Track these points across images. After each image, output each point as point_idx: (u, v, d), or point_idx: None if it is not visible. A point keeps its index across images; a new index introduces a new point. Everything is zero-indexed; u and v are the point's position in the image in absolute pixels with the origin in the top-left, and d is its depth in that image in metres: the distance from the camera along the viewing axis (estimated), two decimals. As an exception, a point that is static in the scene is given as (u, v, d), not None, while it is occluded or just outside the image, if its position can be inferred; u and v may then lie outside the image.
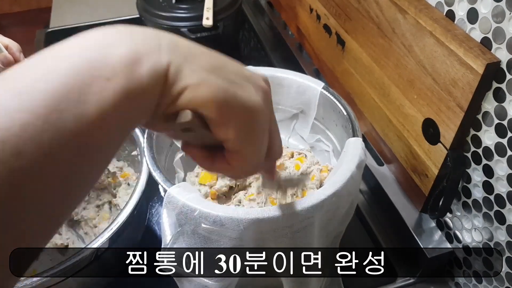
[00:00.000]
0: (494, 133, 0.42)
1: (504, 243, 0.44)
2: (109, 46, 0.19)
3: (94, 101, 0.18)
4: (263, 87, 0.25)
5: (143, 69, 0.19)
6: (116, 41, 0.19)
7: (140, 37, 0.20)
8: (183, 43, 0.22)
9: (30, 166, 0.16)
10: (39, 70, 0.18)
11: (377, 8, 0.54)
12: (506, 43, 0.39)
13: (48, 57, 0.18)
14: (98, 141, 0.19)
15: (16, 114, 0.16)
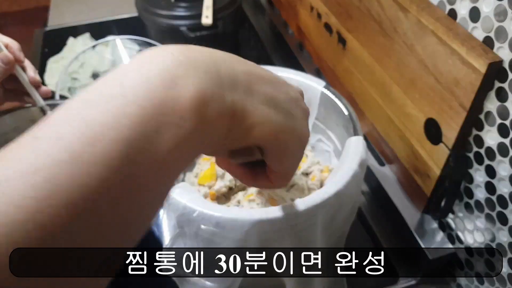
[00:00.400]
0: (496, 133, 0.42)
1: (506, 244, 0.44)
2: (176, 85, 0.18)
3: (165, 147, 0.17)
4: (306, 109, 0.26)
5: (210, 113, 0.19)
6: (182, 79, 0.19)
7: (202, 72, 0.20)
8: (241, 73, 0.22)
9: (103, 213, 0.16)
10: (109, 114, 0.17)
11: (378, 7, 0.54)
12: (509, 42, 0.38)
13: (115, 96, 0.17)
14: (168, 180, 0.19)
15: (92, 168, 0.16)
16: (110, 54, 0.82)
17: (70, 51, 0.90)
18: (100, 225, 0.16)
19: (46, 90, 0.54)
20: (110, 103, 0.17)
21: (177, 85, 0.18)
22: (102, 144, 0.16)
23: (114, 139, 0.16)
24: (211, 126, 0.20)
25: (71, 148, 0.16)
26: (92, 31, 0.95)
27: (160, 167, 0.18)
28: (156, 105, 0.17)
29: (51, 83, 0.83)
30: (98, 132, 0.16)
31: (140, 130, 0.17)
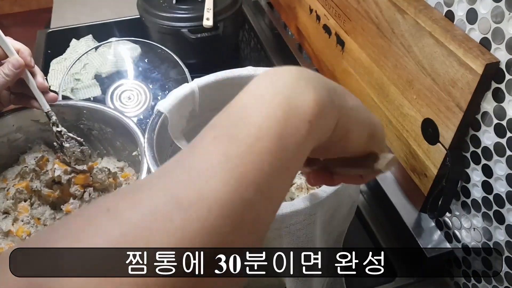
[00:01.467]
0: (493, 133, 0.42)
1: (503, 242, 0.44)
2: (303, 93, 0.23)
3: (302, 139, 0.22)
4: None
5: (327, 113, 0.24)
6: (304, 88, 0.24)
7: (315, 83, 0.25)
8: (335, 86, 0.27)
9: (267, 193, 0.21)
10: (262, 117, 0.22)
11: (376, 9, 0.54)
12: (505, 44, 0.39)
13: (262, 105, 0.22)
14: (301, 163, 0.24)
15: (264, 156, 0.21)
16: (112, 55, 0.82)
17: (73, 52, 0.90)
18: (272, 196, 0.22)
19: (53, 95, 0.55)
20: (260, 109, 0.22)
21: (303, 93, 0.23)
22: (266, 139, 0.21)
23: (273, 135, 0.21)
24: (327, 122, 0.25)
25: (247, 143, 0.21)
26: (94, 33, 0.95)
27: (300, 152, 0.23)
28: (294, 108, 0.22)
29: (54, 84, 0.84)
30: (260, 131, 0.21)
31: (287, 127, 0.22)
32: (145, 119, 0.73)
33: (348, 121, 0.26)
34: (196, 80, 0.54)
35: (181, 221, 0.19)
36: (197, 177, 0.20)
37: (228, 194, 0.20)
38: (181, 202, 0.19)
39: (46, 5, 1.27)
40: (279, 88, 0.23)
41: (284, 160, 0.22)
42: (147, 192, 0.20)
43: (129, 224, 0.19)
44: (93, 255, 0.18)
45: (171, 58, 0.76)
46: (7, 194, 0.57)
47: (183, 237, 0.19)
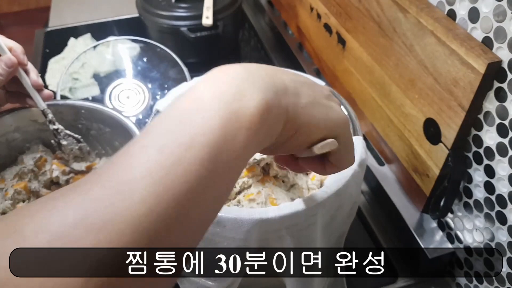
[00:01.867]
0: (495, 133, 0.42)
1: (505, 243, 0.44)
2: (244, 97, 0.23)
3: (239, 147, 0.22)
4: (337, 102, 0.30)
5: (272, 116, 0.24)
6: (247, 91, 0.23)
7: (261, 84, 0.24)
8: (288, 81, 0.26)
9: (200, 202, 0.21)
10: (197, 124, 0.21)
11: (378, 7, 0.54)
12: (508, 43, 0.39)
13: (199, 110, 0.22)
14: (239, 173, 0.23)
15: (192, 167, 0.20)
16: (111, 54, 0.82)
17: (71, 51, 0.90)
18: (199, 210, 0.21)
19: (48, 93, 0.54)
20: (196, 115, 0.21)
21: (245, 97, 0.23)
22: (196, 149, 0.20)
23: (204, 144, 0.21)
24: (271, 127, 0.24)
25: (175, 153, 0.20)
26: (93, 32, 0.95)
27: (237, 162, 0.22)
28: (232, 115, 0.22)
29: (52, 83, 0.84)
30: (192, 139, 0.21)
31: (222, 135, 0.21)
32: (144, 118, 0.73)
33: (297, 121, 0.25)
34: (196, 79, 0.53)
35: (90, 245, 0.18)
36: (114, 193, 0.19)
37: (145, 213, 0.19)
38: (92, 224, 0.18)
39: (45, 4, 1.26)
40: (219, 92, 0.22)
41: (217, 171, 0.21)
42: (61, 209, 0.19)
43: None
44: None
45: (170, 57, 0.76)
46: (5, 194, 0.57)
47: (90, 264, 0.18)
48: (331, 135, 0.28)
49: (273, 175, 0.54)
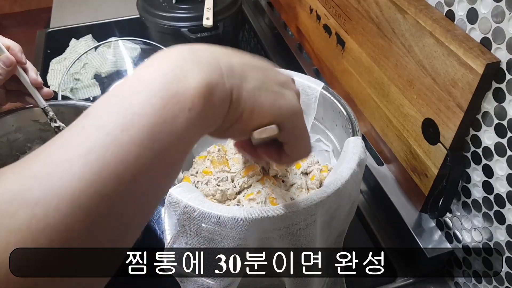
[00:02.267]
0: (493, 133, 0.42)
1: (503, 243, 0.44)
2: (186, 78, 0.23)
3: (180, 128, 0.22)
4: (296, 89, 0.30)
5: (215, 98, 0.23)
6: (190, 72, 0.23)
7: (205, 65, 0.24)
8: (236, 64, 0.26)
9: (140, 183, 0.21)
10: (137, 104, 0.21)
11: (377, 8, 0.54)
12: (506, 43, 0.39)
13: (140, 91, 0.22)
14: (181, 155, 0.23)
15: (130, 147, 0.20)
16: (112, 55, 0.82)
17: (73, 52, 0.90)
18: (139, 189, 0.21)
19: (48, 91, 0.54)
20: (137, 96, 0.21)
21: (187, 78, 0.22)
22: (135, 128, 0.20)
23: (144, 124, 0.21)
24: (214, 109, 0.24)
25: (113, 133, 0.20)
26: (94, 32, 0.95)
27: (178, 143, 0.22)
28: (173, 95, 0.22)
29: (54, 83, 0.84)
30: (131, 120, 0.21)
31: (162, 115, 0.21)
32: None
33: (241, 105, 0.25)
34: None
35: (25, 219, 0.18)
36: (52, 171, 0.19)
37: (82, 189, 0.19)
38: (27, 199, 0.18)
39: (46, 5, 1.27)
40: (161, 72, 0.22)
41: (157, 151, 0.21)
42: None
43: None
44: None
45: (171, 58, 0.76)
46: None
47: (26, 235, 0.18)
48: (276, 122, 0.27)
49: (273, 175, 0.54)
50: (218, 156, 0.55)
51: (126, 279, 0.53)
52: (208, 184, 0.51)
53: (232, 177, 0.52)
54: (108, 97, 0.22)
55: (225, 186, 0.51)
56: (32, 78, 0.52)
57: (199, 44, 0.25)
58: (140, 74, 0.23)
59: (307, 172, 0.54)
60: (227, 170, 0.54)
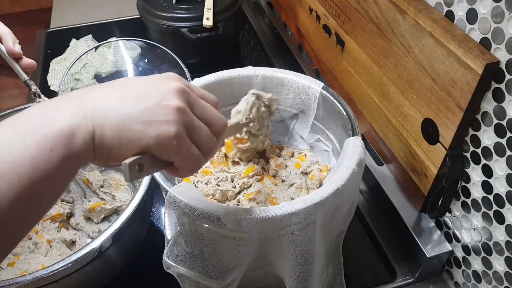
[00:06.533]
0: (493, 133, 0.42)
1: (503, 242, 0.44)
2: (51, 121, 0.25)
3: (42, 167, 0.24)
4: (171, 106, 0.29)
5: (77, 139, 0.25)
6: (56, 116, 0.25)
7: (71, 108, 0.26)
8: (102, 102, 0.27)
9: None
10: (4, 141, 0.24)
11: (376, 9, 0.54)
12: (505, 44, 0.39)
13: (10, 131, 0.24)
14: (47, 190, 0.25)
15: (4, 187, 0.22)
16: (112, 55, 0.82)
17: (73, 52, 0.90)
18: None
19: (29, 62, 0.48)
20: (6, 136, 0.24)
21: (52, 123, 0.25)
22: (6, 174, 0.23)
23: (5, 160, 0.23)
24: (78, 150, 0.26)
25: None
26: (94, 33, 0.95)
27: (40, 180, 0.24)
28: (35, 136, 0.24)
29: (54, 84, 0.84)
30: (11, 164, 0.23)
31: (24, 153, 0.23)
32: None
33: (106, 144, 0.27)
34: (196, 80, 0.54)
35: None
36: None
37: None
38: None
39: (46, 5, 1.27)
40: (33, 116, 0.25)
41: (19, 185, 0.23)
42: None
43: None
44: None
45: (171, 58, 0.76)
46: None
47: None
48: (147, 151, 0.28)
49: (273, 175, 0.54)
50: (217, 156, 0.55)
51: (126, 278, 0.54)
52: (208, 184, 0.52)
53: (232, 177, 0.52)
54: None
55: (225, 186, 0.51)
56: (8, 48, 0.46)
57: (84, 88, 0.29)
58: (17, 116, 0.25)
59: (307, 172, 0.54)
60: (226, 170, 0.54)
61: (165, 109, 0.28)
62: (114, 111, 0.27)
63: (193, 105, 0.30)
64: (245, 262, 0.42)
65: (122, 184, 0.62)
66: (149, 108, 0.28)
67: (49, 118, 0.25)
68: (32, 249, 0.54)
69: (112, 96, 0.28)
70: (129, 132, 0.27)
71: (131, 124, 0.27)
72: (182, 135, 0.29)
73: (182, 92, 0.30)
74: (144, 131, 0.27)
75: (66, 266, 0.42)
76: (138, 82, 0.30)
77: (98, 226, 0.59)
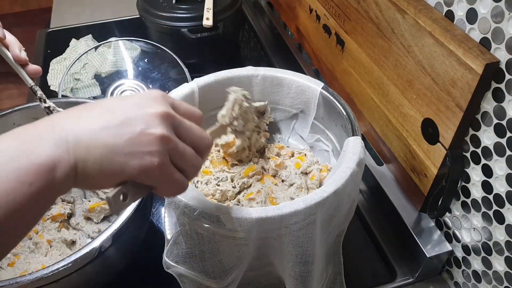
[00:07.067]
0: (493, 133, 0.42)
1: (503, 242, 0.44)
2: (31, 154, 0.24)
3: (19, 200, 0.23)
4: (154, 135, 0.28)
5: (58, 173, 0.25)
6: (37, 149, 0.25)
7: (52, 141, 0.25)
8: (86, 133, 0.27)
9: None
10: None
11: (376, 9, 0.54)
12: (505, 43, 0.39)
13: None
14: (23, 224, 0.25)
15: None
16: (112, 55, 0.82)
17: (73, 52, 0.90)
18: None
19: (35, 68, 0.49)
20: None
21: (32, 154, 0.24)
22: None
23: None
24: (58, 183, 0.25)
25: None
26: (94, 33, 0.95)
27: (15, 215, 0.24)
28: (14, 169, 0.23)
29: (54, 83, 0.84)
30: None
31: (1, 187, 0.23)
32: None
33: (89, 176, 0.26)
34: (196, 80, 0.54)
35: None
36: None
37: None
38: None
39: (46, 5, 1.27)
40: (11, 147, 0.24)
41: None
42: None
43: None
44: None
45: (171, 58, 0.76)
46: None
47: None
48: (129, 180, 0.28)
49: (273, 175, 0.54)
50: (217, 156, 0.55)
51: (127, 278, 0.54)
52: (208, 184, 0.52)
53: (232, 177, 0.52)
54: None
55: (225, 186, 0.51)
56: (15, 55, 0.48)
57: (66, 111, 0.27)
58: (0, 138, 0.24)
59: (307, 172, 0.54)
60: (226, 170, 0.54)
61: (149, 139, 0.28)
62: (98, 143, 0.26)
63: (177, 127, 0.30)
64: (245, 262, 0.42)
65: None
66: (133, 138, 0.27)
67: (28, 150, 0.24)
68: (32, 249, 0.54)
69: (96, 125, 0.27)
70: (112, 164, 0.27)
71: (114, 157, 0.27)
72: (165, 164, 0.29)
73: (166, 117, 0.29)
74: (127, 163, 0.27)
75: (66, 266, 0.42)
76: (120, 105, 0.29)
77: (98, 226, 0.59)
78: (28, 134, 0.25)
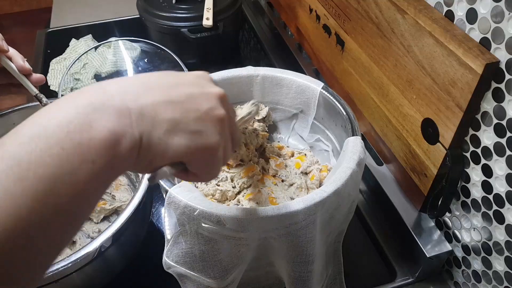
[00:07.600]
0: (493, 133, 0.42)
1: (503, 242, 0.44)
2: (91, 128, 0.21)
3: (82, 181, 0.21)
4: (218, 116, 0.27)
5: (122, 148, 0.22)
6: (96, 122, 0.22)
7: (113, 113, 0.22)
8: (149, 106, 0.24)
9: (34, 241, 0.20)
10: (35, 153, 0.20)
11: (376, 9, 0.54)
12: (505, 43, 0.39)
13: (41, 138, 0.20)
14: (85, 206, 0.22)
15: (21, 200, 0.19)
16: (112, 55, 0.82)
17: (73, 52, 0.90)
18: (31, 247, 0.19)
19: (39, 77, 0.51)
20: (36, 144, 0.20)
21: (92, 128, 0.21)
22: (29, 181, 0.19)
23: (40, 176, 0.19)
24: (121, 159, 0.23)
25: (4, 184, 0.19)
26: (94, 32, 0.95)
27: (80, 196, 0.21)
28: (75, 146, 0.20)
29: (54, 83, 0.84)
30: (26, 169, 0.19)
31: (62, 167, 0.20)
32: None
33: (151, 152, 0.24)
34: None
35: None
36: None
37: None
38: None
39: (46, 5, 1.27)
40: (65, 121, 0.21)
41: (53, 205, 0.20)
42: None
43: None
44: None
45: (171, 58, 0.76)
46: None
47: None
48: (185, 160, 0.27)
49: (273, 175, 0.54)
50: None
51: (127, 278, 0.54)
52: (208, 184, 0.52)
53: (231, 177, 0.52)
54: (8, 138, 0.20)
55: (224, 186, 0.51)
56: (19, 65, 0.49)
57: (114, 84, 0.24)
58: (45, 118, 0.21)
59: (307, 172, 0.54)
60: (226, 170, 0.54)
61: (214, 119, 0.26)
62: (162, 117, 0.24)
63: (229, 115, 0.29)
64: (245, 262, 0.42)
65: (122, 184, 0.62)
66: (200, 116, 0.26)
67: (88, 123, 0.21)
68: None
69: (158, 97, 0.24)
70: (178, 142, 0.25)
71: (180, 133, 0.25)
72: (227, 146, 0.28)
73: (224, 99, 0.28)
74: (192, 141, 0.25)
75: (66, 266, 0.42)
76: (179, 81, 0.27)
77: (98, 226, 0.59)
78: (83, 107, 0.22)
